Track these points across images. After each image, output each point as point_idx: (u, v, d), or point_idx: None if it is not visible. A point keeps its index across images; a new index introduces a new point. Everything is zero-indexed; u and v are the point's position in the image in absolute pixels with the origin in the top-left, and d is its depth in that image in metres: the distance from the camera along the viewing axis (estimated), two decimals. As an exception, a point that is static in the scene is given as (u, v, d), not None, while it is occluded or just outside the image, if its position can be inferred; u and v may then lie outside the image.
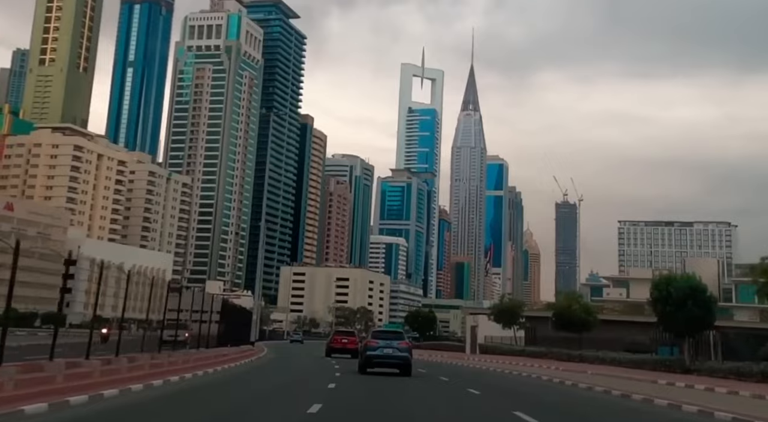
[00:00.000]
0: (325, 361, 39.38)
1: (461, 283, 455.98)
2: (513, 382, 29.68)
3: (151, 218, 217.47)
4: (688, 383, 26.82)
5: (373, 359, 27.02)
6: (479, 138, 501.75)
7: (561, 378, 31.58)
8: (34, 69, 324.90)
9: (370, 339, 28.10)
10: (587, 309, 52.18)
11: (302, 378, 24.99)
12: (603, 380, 28.91)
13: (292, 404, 16.13)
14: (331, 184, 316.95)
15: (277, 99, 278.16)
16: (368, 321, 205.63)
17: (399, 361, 27.13)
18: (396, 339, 27.90)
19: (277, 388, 20.31)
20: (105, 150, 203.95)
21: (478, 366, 43.90)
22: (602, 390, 24.70)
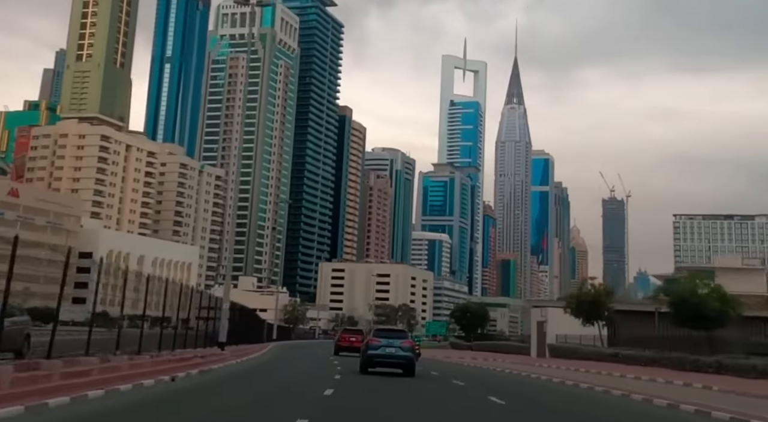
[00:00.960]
0: (327, 362, 34.91)
1: (507, 281, 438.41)
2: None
3: (184, 212, 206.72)
4: None
5: (374, 358, 25.52)
6: (524, 132, 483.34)
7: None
8: (72, 65, 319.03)
9: (371, 337, 26.42)
10: (723, 298, 36.49)
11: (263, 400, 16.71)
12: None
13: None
14: (371, 178, 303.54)
15: (314, 89, 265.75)
16: (411, 320, 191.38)
17: (402, 361, 25.81)
18: (399, 337, 26.39)
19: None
20: (134, 140, 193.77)
21: (566, 380, 29.09)
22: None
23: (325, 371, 27.11)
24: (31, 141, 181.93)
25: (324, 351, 51.75)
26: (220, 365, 26.23)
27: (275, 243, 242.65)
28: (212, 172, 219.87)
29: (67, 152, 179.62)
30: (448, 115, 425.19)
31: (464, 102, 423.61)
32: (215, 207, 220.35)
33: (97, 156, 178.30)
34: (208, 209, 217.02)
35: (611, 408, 18.23)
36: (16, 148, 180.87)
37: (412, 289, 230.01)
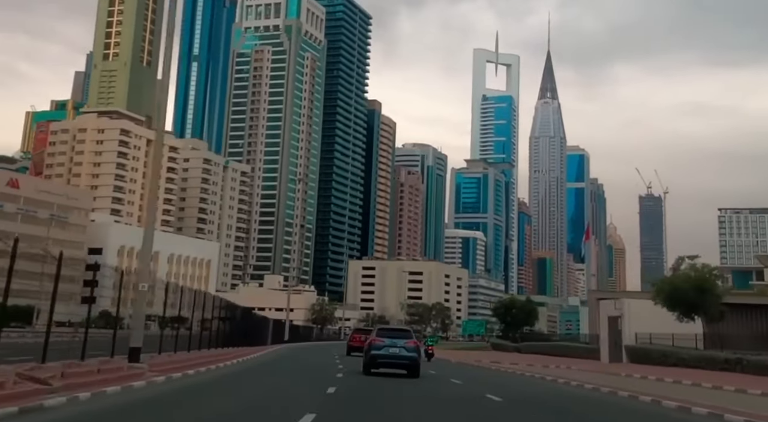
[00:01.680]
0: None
1: (543, 279, 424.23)
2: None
3: (208, 209, 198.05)
4: None
5: (377, 359, 24.39)
6: (558, 127, 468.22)
7: None
8: (98, 64, 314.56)
9: (374, 337, 25.18)
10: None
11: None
12: None
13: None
14: (402, 174, 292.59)
15: (342, 82, 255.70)
16: (445, 319, 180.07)
17: (406, 362, 24.54)
18: (403, 337, 25.06)
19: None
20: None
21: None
22: None
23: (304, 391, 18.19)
24: (50, 136, 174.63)
25: (338, 352, 47.50)
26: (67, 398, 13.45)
27: (304, 242, 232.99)
28: (237, 168, 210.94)
29: (86, 147, 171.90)
30: (481, 110, 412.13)
31: (497, 96, 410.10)
32: (241, 203, 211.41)
33: (117, 151, 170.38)
34: (233, 206, 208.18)
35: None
36: (35, 144, 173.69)
37: (446, 287, 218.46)
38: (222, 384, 18.29)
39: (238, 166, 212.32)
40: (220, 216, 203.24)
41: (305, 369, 26.89)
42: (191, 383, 17.81)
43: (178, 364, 22.67)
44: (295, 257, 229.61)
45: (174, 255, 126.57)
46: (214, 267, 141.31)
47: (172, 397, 14.58)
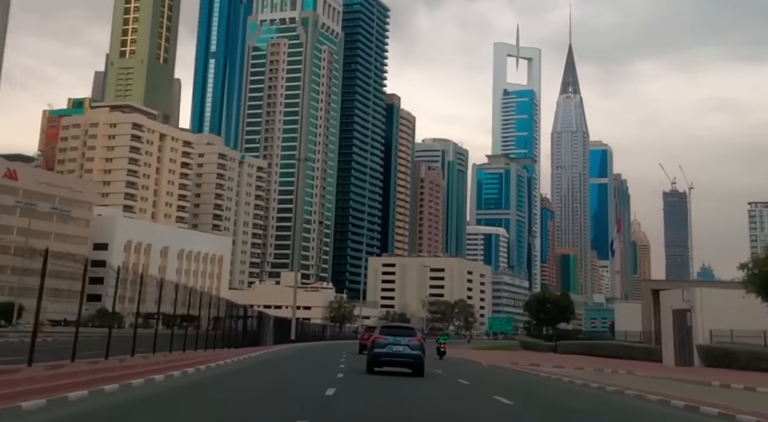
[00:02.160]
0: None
1: (567, 277, 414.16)
2: None
3: (224, 205, 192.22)
4: None
5: (380, 357, 23.85)
6: (581, 121, 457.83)
7: None
8: (115, 62, 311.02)
9: (377, 334, 24.59)
10: None
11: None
12: None
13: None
14: (422, 169, 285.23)
15: (360, 76, 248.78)
16: (468, 317, 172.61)
17: (410, 360, 23.87)
18: (406, 335, 24.50)
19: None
20: (168, 129, 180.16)
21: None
22: None
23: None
24: (61, 131, 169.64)
25: (349, 350, 44.79)
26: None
27: (322, 238, 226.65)
28: (253, 163, 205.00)
29: (97, 142, 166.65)
30: (502, 105, 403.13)
31: (518, 91, 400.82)
32: (257, 199, 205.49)
33: (129, 145, 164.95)
34: (250, 202, 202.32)
35: None
36: (46, 140, 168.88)
37: (468, 284, 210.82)
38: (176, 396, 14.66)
39: (254, 160, 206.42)
40: (236, 212, 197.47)
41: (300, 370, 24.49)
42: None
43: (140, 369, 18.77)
44: (314, 254, 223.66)
45: (185, 250, 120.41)
46: (227, 263, 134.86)
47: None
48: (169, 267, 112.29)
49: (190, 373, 19.62)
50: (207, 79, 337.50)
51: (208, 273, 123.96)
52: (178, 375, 18.46)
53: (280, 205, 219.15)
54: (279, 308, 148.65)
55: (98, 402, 12.43)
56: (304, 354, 37.08)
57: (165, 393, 14.49)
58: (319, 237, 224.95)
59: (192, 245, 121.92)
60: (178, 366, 20.47)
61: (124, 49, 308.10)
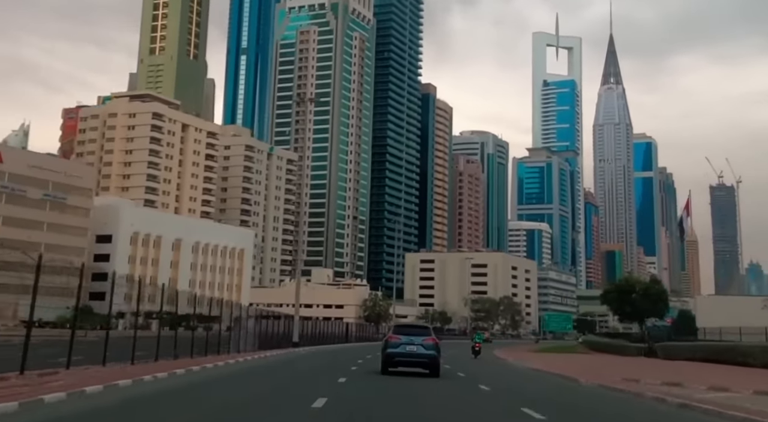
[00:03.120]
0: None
1: (613, 273, 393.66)
2: None
3: (252, 199, 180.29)
4: None
5: (394, 357, 23.24)
6: (624, 113, 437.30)
7: None
8: (145, 59, 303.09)
9: (391, 334, 24.17)
10: None
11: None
12: None
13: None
14: (461, 162, 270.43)
15: (393, 64, 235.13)
16: (515, 315, 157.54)
17: (424, 360, 23.25)
18: (421, 334, 23.74)
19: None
20: (191, 119, 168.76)
21: None
22: None
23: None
24: (79, 123, 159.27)
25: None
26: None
27: (357, 234, 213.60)
28: (283, 155, 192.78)
29: (116, 134, 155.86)
30: (542, 97, 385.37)
31: (559, 81, 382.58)
32: (288, 194, 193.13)
33: (149, 136, 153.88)
34: (280, 196, 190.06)
35: None
36: (63, 132, 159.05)
37: (513, 281, 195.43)
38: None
39: (283, 153, 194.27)
40: (265, 207, 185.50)
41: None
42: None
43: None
44: (348, 251, 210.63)
45: (200, 243, 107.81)
46: (249, 257, 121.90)
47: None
48: (183, 261, 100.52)
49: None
50: (239, 75, 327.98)
51: (228, 268, 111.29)
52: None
53: (313, 199, 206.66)
54: (309, 307, 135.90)
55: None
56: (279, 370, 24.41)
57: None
58: (354, 234, 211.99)
59: (209, 237, 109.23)
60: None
61: (153, 46, 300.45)
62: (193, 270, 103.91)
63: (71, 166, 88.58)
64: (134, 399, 13.02)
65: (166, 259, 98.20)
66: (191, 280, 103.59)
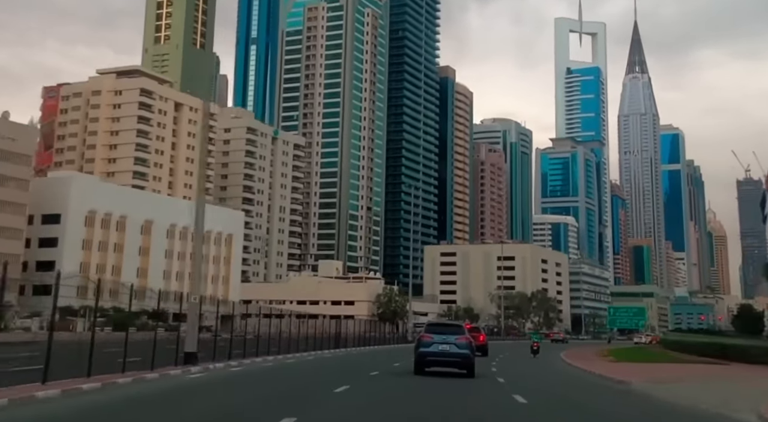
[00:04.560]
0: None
1: (641, 269, 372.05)
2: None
3: (255, 187, 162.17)
4: None
5: (427, 357, 22.43)
6: (650, 103, 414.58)
7: None
8: (150, 49, 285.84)
9: (423, 333, 23.41)
10: None
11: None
12: None
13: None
14: (482, 151, 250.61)
15: (409, 44, 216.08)
16: (549, 311, 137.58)
17: (458, 359, 22.39)
18: (454, 333, 22.80)
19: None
20: (185, 97, 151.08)
21: None
22: None
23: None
24: (61, 102, 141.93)
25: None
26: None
27: (371, 226, 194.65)
28: (289, 139, 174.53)
29: (101, 113, 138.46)
30: (565, 85, 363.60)
31: (582, 69, 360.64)
32: (296, 181, 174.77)
33: (137, 115, 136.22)
34: (286, 184, 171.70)
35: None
36: (43, 113, 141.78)
37: (543, 275, 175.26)
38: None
39: (289, 137, 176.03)
40: (270, 196, 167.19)
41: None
42: None
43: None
44: (362, 244, 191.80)
45: (177, 226, 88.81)
46: (238, 244, 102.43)
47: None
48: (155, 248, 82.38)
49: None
50: (249, 66, 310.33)
51: (212, 257, 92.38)
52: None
53: (323, 189, 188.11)
54: (316, 304, 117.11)
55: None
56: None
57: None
58: (368, 226, 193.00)
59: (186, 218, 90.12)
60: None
61: (158, 35, 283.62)
62: (169, 259, 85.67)
63: (8, 127, 70.77)
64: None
65: (133, 245, 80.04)
66: (166, 271, 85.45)
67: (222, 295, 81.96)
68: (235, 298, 78.65)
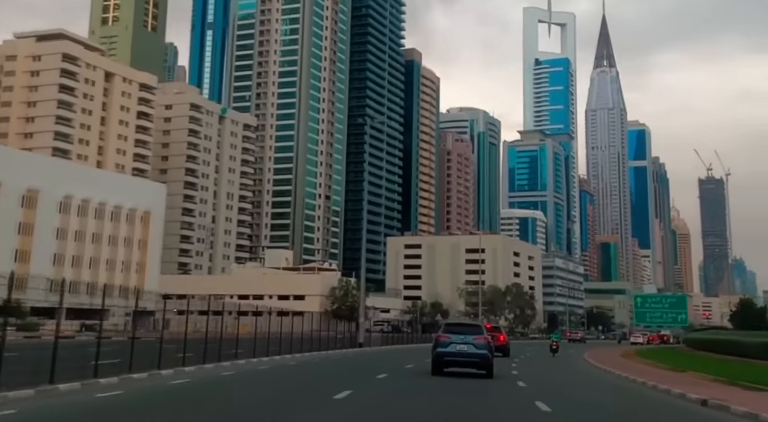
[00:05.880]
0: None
1: (608, 266, 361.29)
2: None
3: (199, 171, 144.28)
4: None
5: (445, 357, 22.06)
6: (618, 98, 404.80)
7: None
8: (96, 30, 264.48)
9: (440, 333, 22.78)
10: None
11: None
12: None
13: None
14: (449, 140, 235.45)
15: (373, 23, 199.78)
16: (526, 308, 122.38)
17: (476, 360, 21.90)
18: (472, 333, 22.30)
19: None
20: (118, 67, 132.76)
21: None
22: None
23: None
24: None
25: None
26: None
27: (329, 217, 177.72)
28: (238, 119, 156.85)
29: (16, 81, 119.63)
30: (534, 76, 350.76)
31: (552, 60, 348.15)
32: (245, 165, 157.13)
33: (59, 83, 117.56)
34: (235, 168, 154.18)
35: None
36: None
37: (515, 269, 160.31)
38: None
39: (239, 116, 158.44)
40: (217, 181, 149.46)
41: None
42: None
43: None
44: (320, 235, 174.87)
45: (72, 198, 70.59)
46: (158, 223, 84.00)
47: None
48: (41, 224, 64.60)
49: None
50: (204, 53, 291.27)
51: (123, 238, 74.39)
52: None
53: (277, 175, 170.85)
54: (260, 298, 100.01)
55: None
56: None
57: None
58: (326, 215, 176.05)
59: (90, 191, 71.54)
60: None
61: (106, 16, 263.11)
62: (61, 240, 68.06)
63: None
64: None
65: (9, 220, 62.24)
66: (57, 254, 67.86)
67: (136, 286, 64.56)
68: (153, 289, 60.97)
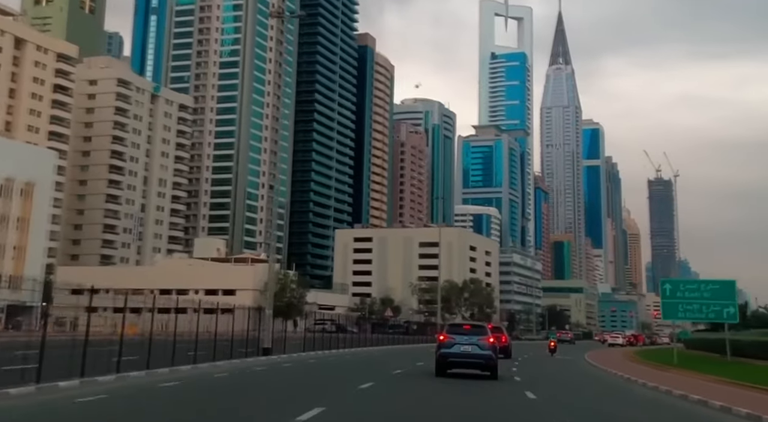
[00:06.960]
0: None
1: (561, 265, 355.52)
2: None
3: (127, 154, 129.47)
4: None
5: (449, 358, 21.86)
6: (573, 95, 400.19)
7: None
8: (29, 10, 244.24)
9: (444, 333, 22.56)
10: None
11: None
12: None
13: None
14: (402, 131, 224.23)
15: (324, 3, 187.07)
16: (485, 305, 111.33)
17: (481, 361, 21.68)
18: (477, 334, 22.01)
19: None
20: (31, 34, 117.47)
21: None
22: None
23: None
24: None
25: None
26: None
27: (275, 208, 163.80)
28: (173, 99, 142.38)
29: None
30: (489, 70, 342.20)
31: (508, 54, 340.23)
32: (180, 149, 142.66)
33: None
34: (168, 152, 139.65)
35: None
36: None
37: (471, 264, 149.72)
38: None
39: (174, 95, 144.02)
40: (147, 165, 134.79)
41: None
42: None
43: None
44: (263, 228, 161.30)
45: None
46: (43, 197, 69.51)
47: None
48: None
49: None
50: (148, 38, 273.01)
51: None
52: None
53: (217, 162, 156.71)
54: (185, 293, 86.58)
55: None
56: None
57: None
58: (269, 206, 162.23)
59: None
60: None
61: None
62: None
63: None
64: None
65: None
66: None
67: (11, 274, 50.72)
68: (36, 276, 46.94)
